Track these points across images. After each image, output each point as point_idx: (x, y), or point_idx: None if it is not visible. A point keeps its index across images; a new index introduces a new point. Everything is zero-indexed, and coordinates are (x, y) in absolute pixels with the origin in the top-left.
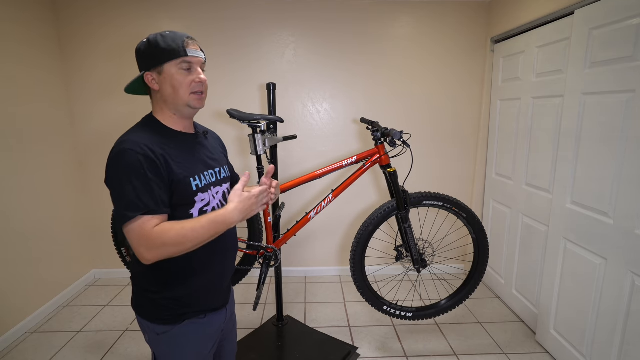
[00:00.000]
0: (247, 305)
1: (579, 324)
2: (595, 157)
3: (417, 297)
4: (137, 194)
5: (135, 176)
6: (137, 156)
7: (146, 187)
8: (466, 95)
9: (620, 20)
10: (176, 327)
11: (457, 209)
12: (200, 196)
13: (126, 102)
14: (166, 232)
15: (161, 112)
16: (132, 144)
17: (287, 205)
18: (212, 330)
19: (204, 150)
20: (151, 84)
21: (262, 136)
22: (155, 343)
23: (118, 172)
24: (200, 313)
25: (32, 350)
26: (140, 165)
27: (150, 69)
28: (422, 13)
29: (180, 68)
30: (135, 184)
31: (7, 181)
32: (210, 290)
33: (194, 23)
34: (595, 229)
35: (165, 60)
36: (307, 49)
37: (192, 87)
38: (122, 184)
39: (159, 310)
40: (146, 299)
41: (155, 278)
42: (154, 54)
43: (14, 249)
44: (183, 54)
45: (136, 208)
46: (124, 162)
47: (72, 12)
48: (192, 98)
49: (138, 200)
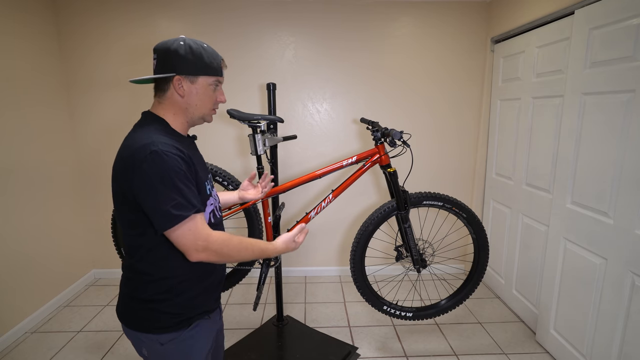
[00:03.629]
0: (247, 305)
1: (579, 324)
2: (595, 157)
3: (417, 297)
4: (184, 195)
5: (178, 177)
6: (175, 157)
7: (189, 188)
8: (466, 95)
9: (620, 20)
10: (185, 331)
11: (457, 209)
12: (210, 200)
13: (126, 102)
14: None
15: (172, 115)
16: (164, 146)
17: (287, 205)
18: (215, 328)
19: (200, 154)
20: (177, 89)
21: (262, 136)
22: (158, 355)
23: (159, 174)
24: (205, 314)
25: (32, 350)
26: (180, 166)
27: (184, 75)
28: (422, 13)
29: (211, 84)
30: (180, 186)
31: (6, 181)
32: (213, 291)
33: (194, 23)
34: (595, 228)
35: (203, 74)
36: (307, 49)
37: (215, 104)
38: (166, 186)
39: (164, 319)
40: (147, 310)
41: (163, 287)
42: (195, 63)
43: (14, 249)
44: (220, 73)
45: (187, 208)
46: (164, 165)
47: (71, 11)
48: (211, 113)
49: (187, 201)
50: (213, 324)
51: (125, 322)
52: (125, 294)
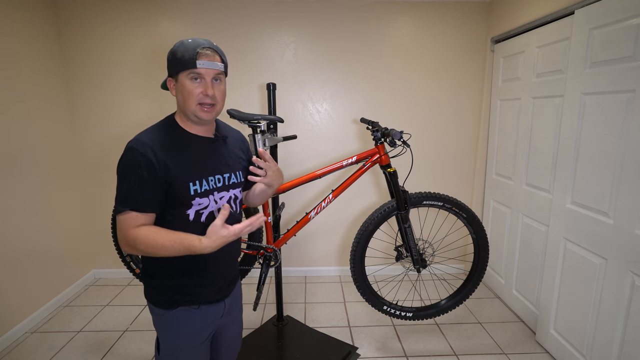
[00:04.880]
0: (247, 305)
1: (579, 324)
2: (595, 157)
3: (417, 297)
4: (130, 191)
5: (132, 174)
6: (138, 156)
7: (139, 186)
8: (466, 95)
9: (620, 20)
10: (169, 312)
11: (457, 209)
12: (198, 200)
13: (126, 101)
14: (140, 238)
15: (180, 115)
16: (137, 143)
17: (287, 205)
18: (206, 321)
19: (216, 155)
20: (171, 90)
21: (262, 136)
22: (155, 323)
23: (120, 167)
24: (193, 303)
25: (32, 350)
26: (139, 164)
27: (172, 76)
28: (422, 13)
29: (190, 78)
30: (130, 181)
31: (6, 180)
32: (207, 287)
33: (194, 23)
34: (595, 228)
35: (179, 70)
36: (307, 49)
37: (199, 98)
38: (121, 179)
39: (155, 293)
40: (148, 281)
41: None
42: (172, 62)
43: (14, 249)
44: (192, 65)
45: (126, 203)
46: (126, 159)
47: (71, 12)
48: (198, 109)
49: (129, 197)
50: (203, 317)
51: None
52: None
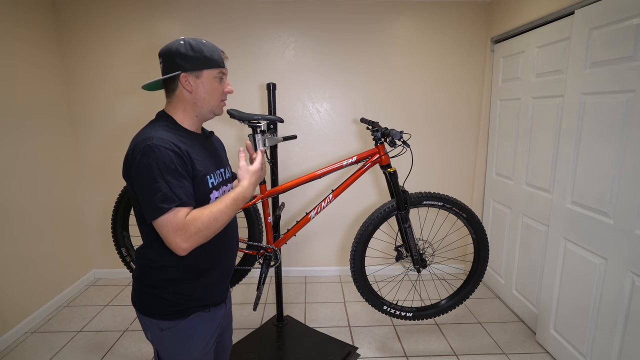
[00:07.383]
0: (247, 305)
1: (579, 324)
2: (595, 157)
3: (417, 297)
4: (171, 188)
5: (167, 171)
6: (167, 152)
7: (178, 181)
8: (466, 95)
9: (620, 20)
10: (183, 321)
11: (457, 209)
12: (214, 194)
13: (126, 101)
14: (198, 218)
15: (182, 112)
16: (159, 140)
17: (287, 205)
18: (215, 324)
19: (212, 150)
20: (185, 85)
21: (262, 136)
22: (159, 339)
23: (150, 168)
24: (205, 307)
25: (32, 350)
26: (171, 160)
27: (188, 71)
28: (422, 13)
29: (215, 77)
30: (168, 179)
31: (7, 180)
32: (215, 286)
33: (194, 23)
34: (595, 229)
35: (206, 67)
36: (307, 49)
37: (222, 95)
38: (155, 179)
39: (164, 305)
40: (150, 296)
41: (164, 275)
42: (197, 59)
43: (14, 249)
44: (222, 65)
45: (171, 200)
46: (155, 158)
47: (71, 14)
48: (220, 105)
49: (172, 194)
50: (212, 319)
51: (134, 305)
52: (135, 277)
